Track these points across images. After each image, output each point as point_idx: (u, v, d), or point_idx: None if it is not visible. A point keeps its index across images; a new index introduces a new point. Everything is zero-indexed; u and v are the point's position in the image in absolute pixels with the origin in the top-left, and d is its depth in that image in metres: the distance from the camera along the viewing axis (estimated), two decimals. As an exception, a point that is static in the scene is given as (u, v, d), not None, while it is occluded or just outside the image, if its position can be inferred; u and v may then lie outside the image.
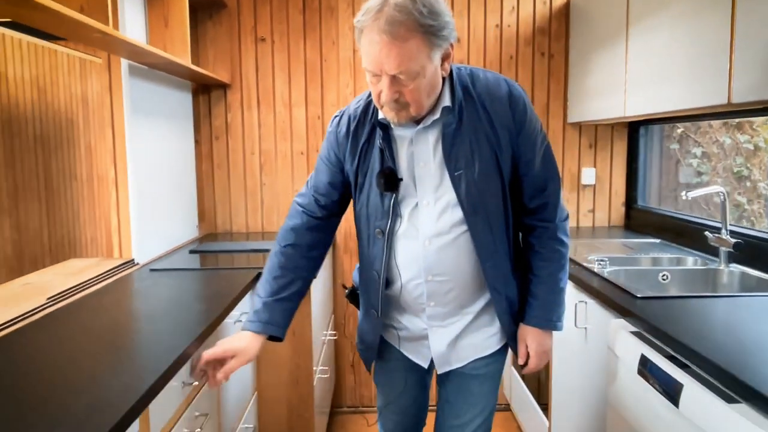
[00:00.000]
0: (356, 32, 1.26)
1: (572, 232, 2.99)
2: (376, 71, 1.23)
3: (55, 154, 4.09)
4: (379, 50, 1.19)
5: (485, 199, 1.36)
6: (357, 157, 1.41)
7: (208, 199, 3.08)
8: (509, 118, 1.34)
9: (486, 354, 1.51)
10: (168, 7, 2.30)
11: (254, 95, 3.03)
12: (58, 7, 1.39)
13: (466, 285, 1.43)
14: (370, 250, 1.45)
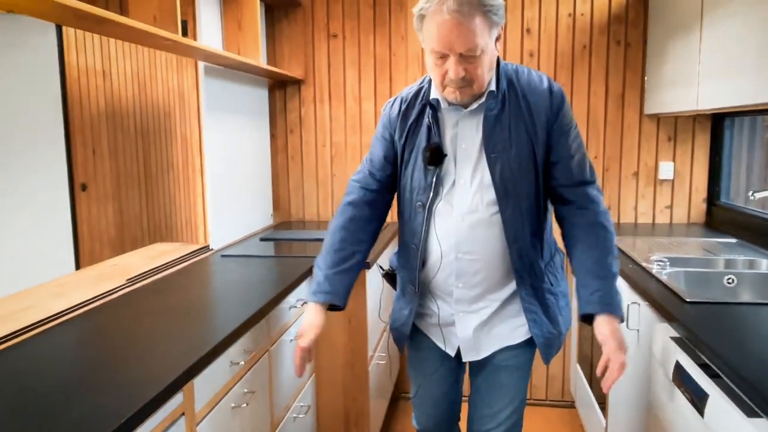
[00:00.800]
0: (416, 20, 1.36)
1: (647, 228, 2.88)
2: (444, 51, 1.32)
3: (153, 145, 4.46)
4: (449, 30, 1.29)
5: (517, 184, 1.43)
6: (405, 134, 1.51)
7: (282, 189, 3.26)
8: (547, 108, 1.43)
9: (512, 344, 1.54)
10: (241, 11, 2.45)
11: (326, 90, 3.16)
12: (130, 22, 1.56)
13: (493, 267, 1.48)
14: (410, 224, 1.53)
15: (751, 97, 1.76)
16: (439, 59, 1.35)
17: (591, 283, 1.42)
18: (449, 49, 1.31)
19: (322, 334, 1.56)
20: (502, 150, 1.42)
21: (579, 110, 2.97)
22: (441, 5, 1.29)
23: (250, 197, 2.87)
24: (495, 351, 1.56)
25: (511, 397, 1.57)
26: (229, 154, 2.60)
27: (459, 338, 1.56)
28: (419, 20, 1.36)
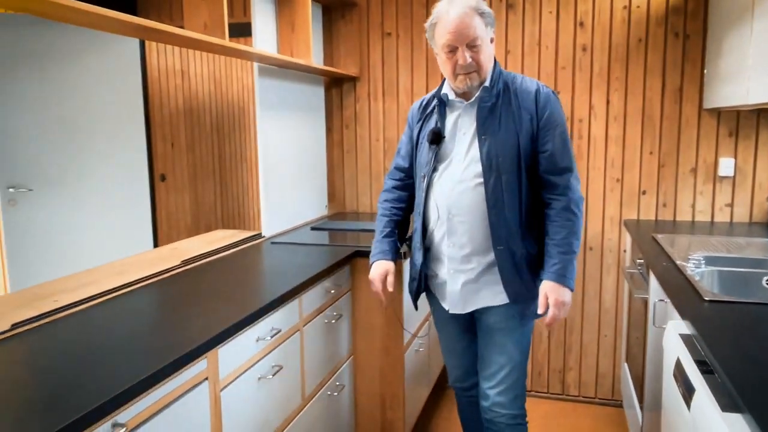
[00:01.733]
0: (429, 30, 1.78)
1: (704, 227, 2.79)
2: (455, 44, 1.69)
3: (228, 138, 4.77)
4: (456, 26, 1.68)
5: (501, 161, 1.75)
6: (421, 122, 1.93)
7: (338, 181, 3.42)
8: (533, 107, 1.78)
9: (496, 305, 1.85)
10: (294, 14, 2.62)
11: (380, 86, 3.28)
12: (181, 31, 1.74)
13: (476, 229, 1.80)
14: (418, 193, 1.92)
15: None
16: (450, 53, 1.72)
17: (554, 257, 1.75)
18: (458, 41, 1.69)
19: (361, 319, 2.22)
20: (491, 134, 1.76)
21: (633, 105, 2.91)
22: (447, 11, 1.71)
23: (305, 189, 3.04)
24: (488, 313, 1.87)
25: (508, 358, 1.89)
26: (282, 148, 2.78)
27: (449, 293, 1.89)
28: (431, 29, 1.77)
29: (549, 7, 2.96)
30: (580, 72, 2.97)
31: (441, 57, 1.77)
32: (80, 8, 1.41)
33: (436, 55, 1.82)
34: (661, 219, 2.96)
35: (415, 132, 1.94)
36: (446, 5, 1.73)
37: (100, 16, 1.47)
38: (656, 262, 2.09)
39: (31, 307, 1.62)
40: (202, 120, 4.45)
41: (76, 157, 3.48)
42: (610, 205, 3.01)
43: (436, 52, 1.80)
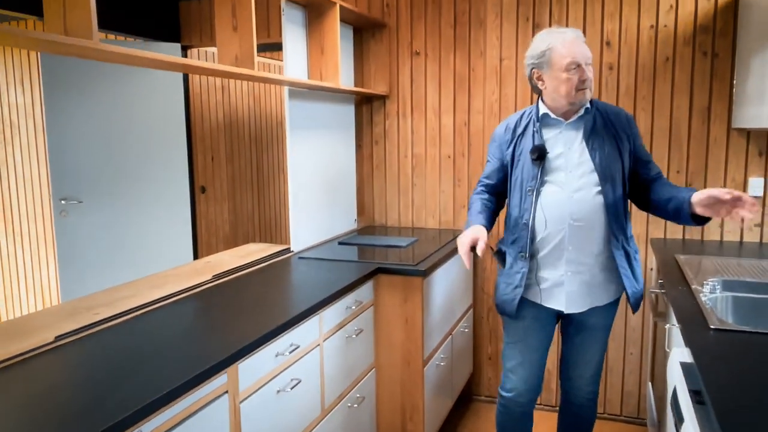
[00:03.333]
0: (539, 59, 2.01)
1: (733, 247, 2.77)
2: (578, 61, 1.95)
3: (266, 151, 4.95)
4: (577, 46, 1.96)
5: (612, 172, 2.03)
6: (513, 142, 2.14)
7: (368, 196, 3.53)
8: (627, 128, 2.11)
9: (606, 302, 2.13)
10: (323, 37, 2.74)
11: (409, 104, 3.37)
12: (215, 66, 1.88)
13: (596, 232, 2.03)
14: (521, 205, 2.09)
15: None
16: (572, 71, 1.95)
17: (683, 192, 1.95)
18: (581, 59, 1.95)
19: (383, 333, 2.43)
20: (598, 147, 2.03)
21: (660, 124, 2.91)
22: (563, 35, 1.98)
23: (334, 203, 3.15)
24: (591, 313, 2.12)
25: (602, 348, 2.25)
26: (312, 165, 2.90)
27: (567, 293, 2.07)
28: (543, 55, 1.99)
29: (576, 27, 2.99)
30: (606, 91, 2.98)
31: (560, 77, 1.96)
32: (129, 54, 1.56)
33: (544, 79, 2.02)
34: (689, 238, 2.95)
35: (509, 151, 2.14)
36: (556, 33, 2.00)
37: (144, 58, 1.62)
38: (673, 285, 2.10)
39: (74, 320, 1.78)
40: (241, 133, 4.65)
41: (122, 170, 3.70)
42: (636, 223, 3.01)
43: (549, 76, 2.00)
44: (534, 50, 2.03)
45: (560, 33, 2.00)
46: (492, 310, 3.34)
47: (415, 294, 2.43)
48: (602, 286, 2.10)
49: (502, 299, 2.17)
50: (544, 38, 2.02)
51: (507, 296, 2.15)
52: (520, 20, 3.09)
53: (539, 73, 2.04)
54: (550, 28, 2.10)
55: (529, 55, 2.06)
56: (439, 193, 3.37)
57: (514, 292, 2.12)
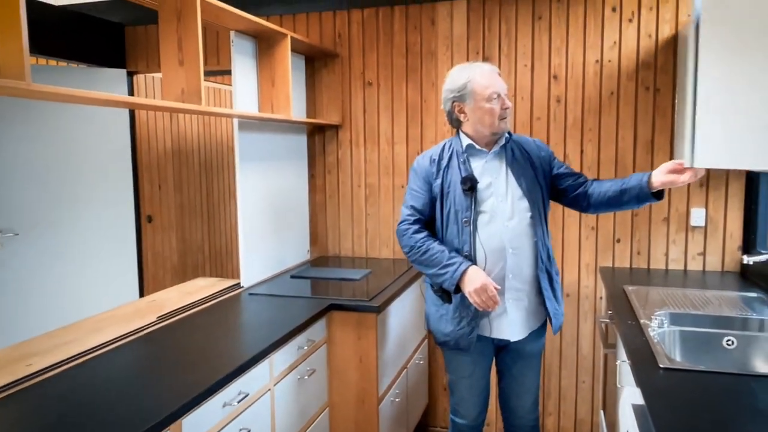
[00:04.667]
0: (459, 92, 2.04)
1: (677, 275, 2.84)
2: (499, 91, 2.03)
3: (216, 177, 4.84)
4: (496, 78, 2.05)
5: (536, 197, 2.11)
6: (440, 175, 2.12)
7: (321, 226, 3.48)
8: (538, 150, 2.21)
9: (539, 326, 2.18)
10: (274, 69, 2.70)
11: (362, 134, 3.35)
12: (160, 102, 1.81)
13: (530, 258, 2.08)
14: (459, 237, 2.06)
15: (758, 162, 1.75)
16: (494, 100, 2.01)
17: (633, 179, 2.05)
18: (501, 89, 2.03)
19: (336, 372, 2.39)
20: (522, 174, 2.10)
21: (606, 155, 2.99)
22: (481, 68, 2.05)
23: (286, 235, 3.09)
24: (528, 339, 2.14)
25: (539, 374, 2.30)
26: (264, 196, 2.84)
27: (510, 321, 2.09)
28: (465, 87, 2.03)
29: (524, 61, 3.06)
30: (554, 123, 3.05)
31: (484, 107, 2.02)
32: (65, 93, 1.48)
33: (466, 111, 2.06)
34: (636, 267, 3.02)
35: (437, 183, 2.11)
36: (472, 66, 2.07)
37: (83, 97, 1.54)
38: (622, 318, 2.14)
39: (5, 373, 1.66)
40: (190, 160, 4.53)
41: (62, 201, 3.53)
42: (585, 252, 3.07)
43: (471, 108, 2.04)
44: (454, 84, 2.05)
45: (477, 66, 2.06)
46: (447, 340, 3.32)
47: (369, 331, 2.39)
48: (536, 310, 2.16)
49: (457, 334, 2.12)
50: (461, 72, 2.06)
51: (462, 330, 2.11)
52: (471, 53, 3.13)
53: (461, 106, 2.07)
54: (463, 63, 2.16)
55: (448, 89, 2.08)
56: (393, 223, 3.35)
57: (470, 325, 2.09)
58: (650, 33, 2.88)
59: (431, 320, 2.22)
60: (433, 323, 2.20)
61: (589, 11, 2.95)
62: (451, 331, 2.13)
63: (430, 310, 2.22)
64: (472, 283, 1.97)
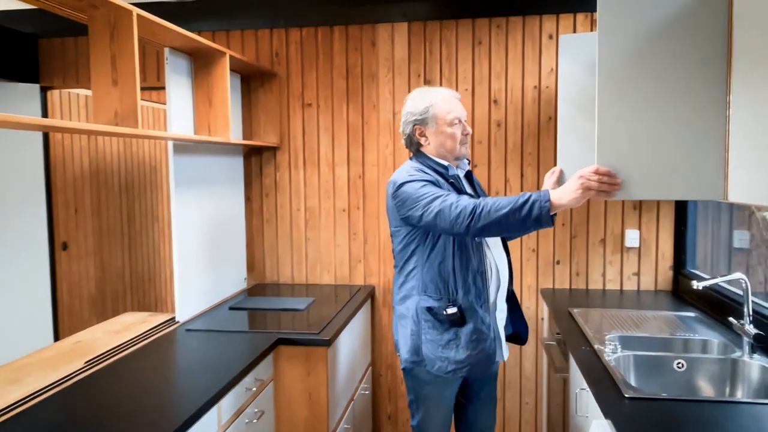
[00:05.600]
0: (422, 113, 2.00)
1: (614, 295, 2.92)
2: (460, 116, 2.01)
3: (138, 198, 4.53)
4: (456, 104, 2.03)
5: None
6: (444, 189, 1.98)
7: (258, 252, 3.31)
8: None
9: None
10: (212, 89, 2.54)
11: (301, 156, 3.24)
12: (89, 126, 1.63)
13: (507, 276, 2.07)
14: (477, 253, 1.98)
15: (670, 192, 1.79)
16: (455, 125, 1.99)
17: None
18: (461, 114, 2.02)
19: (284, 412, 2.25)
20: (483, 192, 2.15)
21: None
22: (442, 92, 2.02)
23: (223, 263, 2.91)
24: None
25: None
26: (199, 223, 2.66)
27: (501, 341, 2.06)
28: (425, 112, 1.99)
29: (465, 85, 3.07)
30: (495, 146, 3.07)
31: (446, 131, 1.99)
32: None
33: (427, 135, 2.01)
34: (575, 287, 3.08)
35: None
36: (433, 90, 2.03)
37: None
38: (575, 343, 2.15)
39: None
40: (109, 181, 4.22)
41: (-37, 229, 3.16)
42: (527, 274, 3.10)
43: (433, 131, 2.00)
44: (415, 107, 2.02)
45: (438, 90, 2.04)
46: (391, 367, 3.25)
47: (319, 365, 2.27)
48: (506, 327, 2.15)
49: (474, 359, 1.93)
50: (423, 95, 2.03)
51: (481, 354, 1.94)
52: (412, 76, 3.11)
53: (422, 129, 2.02)
54: (422, 87, 2.12)
55: (409, 111, 2.03)
56: (334, 248, 3.25)
57: (493, 345, 1.97)
58: (585, 61, 2.96)
59: (428, 349, 1.96)
60: (433, 352, 1.95)
61: (527, 38, 3.01)
62: (467, 356, 1.93)
63: (426, 338, 1.96)
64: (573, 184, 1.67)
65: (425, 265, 1.97)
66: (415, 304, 1.99)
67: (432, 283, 1.96)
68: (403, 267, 2.03)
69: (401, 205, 1.93)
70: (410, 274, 2.00)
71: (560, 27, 2.97)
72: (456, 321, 1.93)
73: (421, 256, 1.97)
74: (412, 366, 2.02)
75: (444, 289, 1.96)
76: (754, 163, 1.49)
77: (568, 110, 2.27)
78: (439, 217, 1.81)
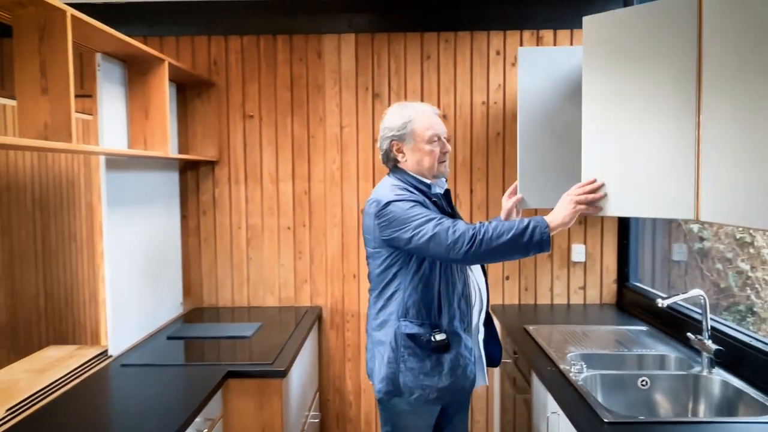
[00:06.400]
0: (401, 128, 1.91)
1: (562, 310, 2.95)
2: (439, 133, 1.94)
3: (54, 216, 4.14)
4: (437, 120, 1.96)
5: None
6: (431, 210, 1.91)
7: (194, 273, 3.09)
8: None
9: None
10: (148, 99, 2.33)
11: (242, 170, 3.05)
12: (12, 140, 1.41)
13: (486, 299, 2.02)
14: (462, 276, 1.92)
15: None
16: (433, 143, 1.92)
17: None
18: (441, 131, 1.95)
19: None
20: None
21: (494, 194, 3.03)
22: (422, 108, 1.95)
23: (158, 287, 2.67)
24: None
25: None
26: (133, 245, 2.42)
27: (482, 365, 1.99)
28: (403, 128, 1.91)
29: (414, 99, 3.01)
30: (445, 162, 3.03)
31: (424, 149, 1.91)
32: None
33: (404, 152, 1.93)
34: (524, 303, 3.08)
35: None
36: (413, 106, 1.96)
37: None
38: (537, 362, 2.12)
39: None
40: (21, 198, 3.82)
41: None
42: (478, 291, 3.07)
43: (411, 148, 1.92)
44: (394, 122, 1.93)
45: (418, 106, 1.97)
46: (339, 391, 3.11)
47: (273, 398, 2.11)
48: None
49: (457, 386, 1.87)
50: (402, 110, 1.95)
51: (463, 381, 1.88)
52: (360, 89, 3.01)
53: (399, 146, 1.94)
54: (401, 102, 2.04)
55: (388, 126, 1.94)
56: (279, 267, 3.08)
57: (473, 370, 1.92)
58: (531, 77, 2.99)
59: (407, 378, 1.85)
60: (413, 381, 1.85)
61: (476, 53, 2.99)
62: (450, 383, 1.86)
63: (405, 366, 1.85)
64: (563, 203, 1.78)
65: (407, 289, 1.86)
66: (394, 330, 1.87)
67: (414, 308, 1.86)
68: (383, 291, 1.91)
69: (386, 226, 1.82)
70: (391, 298, 1.89)
71: (507, 44, 2.98)
72: (442, 348, 1.85)
73: (404, 279, 1.86)
74: (387, 397, 1.90)
75: (427, 314, 1.86)
76: (725, 184, 1.51)
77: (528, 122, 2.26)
78: (434, 241, 1.73)
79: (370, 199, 1.92)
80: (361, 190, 3.03)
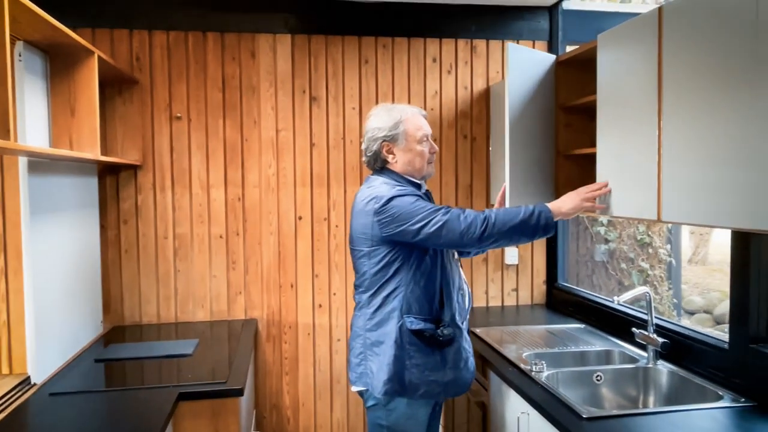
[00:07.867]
0: (392, 128, 1.90)
1: (497, 312, 3.02)
2: (429, 133, 1.97)
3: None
4: (425, 121, 1.98)
5: None
6: None
7: (114, 289, 2.81)
8: None
9: None
10: (75, 95, 2.09)
11: (168, 176, 2.83)
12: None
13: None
14: (452, 271, 1.95)
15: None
16: (424, 143, 1.94)
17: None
18: (429, 132, 1.98)
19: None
20: None
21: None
22: (411, 109, 1.97)
23: (77, 305, 2.39)
24: None
25: None
26: (57, 260, 2.15)
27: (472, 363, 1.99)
28: (395, 128, 1.90)
29: (352, 103, 2.96)
30: (384, 167, 3.00)
31: (415, 149, 1.92)
32: None
33: (395, 152, 1.91)
34: (462, 306, 3.12)
35: None
36: (401, 107, 1.96)
37: None
38: (497, 365, 2.15)
39: None
40: None
41: None
42: (417, 296, 3.07)
43: (402, 149, 1.91)
44: (383, 123, 1.91)
45: (406, 107, 1.97)
46: (276, 407, 2.96)
47: (229, 420, 1.96)
48: None
49: (464, 377, 1.93)
50: (390, 112, 1.94)
51: (466, 373, 1.94)
52: (297, 92, 2.91)
53: (390, 147, 1.92)
54: (386, 104, 2.03)
55: (378, 127, 1.92)
56: (210, 279, 2.89)
57: (473, 364, 1.99)
58: (466, 85, 3.06)
59: (413, 375, 1.83)
60: (419, 377, 1.83)
61: (413, 60, 3.01)
62: (453, 378, 1.89)
63: (412, 362, 1.83)
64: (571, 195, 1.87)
65: (410, 285, 1.84)
66: (397, 328, 1.83)
67: (417, 303, 1.85)
68: (379, 290, 1.86)
69: (390, 221, 1.80)
70: (390, 295, 1.85)
71: (443, 51, 3.03)
72: (448, 342, 1.87)
73: (406, 275, 1.84)
74: (388, 399, 1.84)
75: (429, 309, 1.86)
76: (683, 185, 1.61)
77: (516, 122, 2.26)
78: (446, 228, 1.76)
79: (365, 197, 1.87)
80: (299, 196, 2.93)
